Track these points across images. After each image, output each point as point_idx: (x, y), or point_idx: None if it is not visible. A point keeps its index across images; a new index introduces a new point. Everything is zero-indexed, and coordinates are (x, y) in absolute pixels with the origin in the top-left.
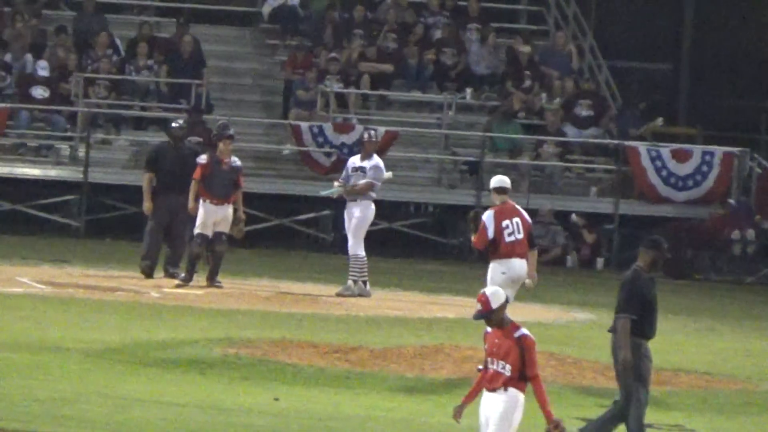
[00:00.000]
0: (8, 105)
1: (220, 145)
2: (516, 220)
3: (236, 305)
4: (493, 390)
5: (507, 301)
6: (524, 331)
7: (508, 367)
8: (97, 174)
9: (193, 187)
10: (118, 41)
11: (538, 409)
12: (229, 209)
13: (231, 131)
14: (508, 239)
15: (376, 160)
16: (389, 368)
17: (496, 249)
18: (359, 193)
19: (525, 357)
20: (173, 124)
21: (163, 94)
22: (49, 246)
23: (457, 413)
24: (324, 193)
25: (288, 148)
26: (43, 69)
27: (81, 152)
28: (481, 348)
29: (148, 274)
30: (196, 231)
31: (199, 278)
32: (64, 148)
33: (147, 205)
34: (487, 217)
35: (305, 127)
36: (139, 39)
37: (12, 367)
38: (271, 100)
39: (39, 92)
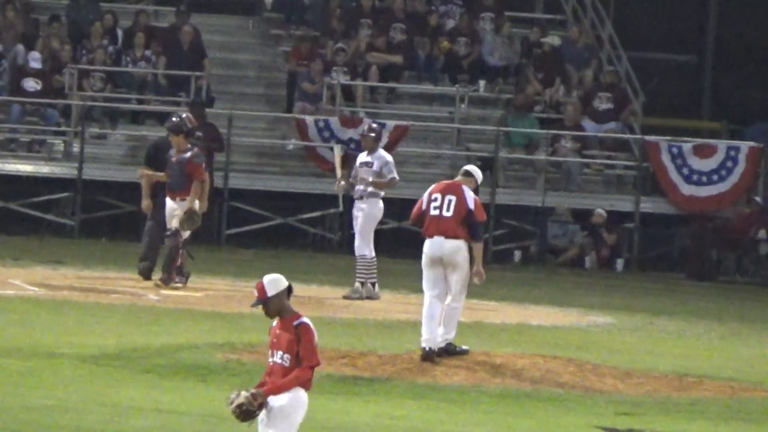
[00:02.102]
0: None
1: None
2: (450, 197)
3: (238, 308)
4: None
5: (290, 290)
6: (304, 319)
7: (287, 356)
8: (92, 170)
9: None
10: (119, 30)
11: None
12: (181, 204)
13: (171, 124)
14: (432, 213)
15: (383, 155)
16: (399, 374)
17: (423, 224)
18: (383, 187)
19: (300, 346)
20: (173, 118)
21: (162, 87)
22: (42, 246)
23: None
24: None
25: (292, 143)
26: (35, 60)
27: (75, 148)
28: (494, 353)
29: (147, 275)
30: (168, 226)
31: (198, 280)
32: (58, 143)
33: (146, 203)
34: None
35: (310, 121)
36: (136, 28)
37: (3, 374)
38: (274, 92)
39: (31, 85)
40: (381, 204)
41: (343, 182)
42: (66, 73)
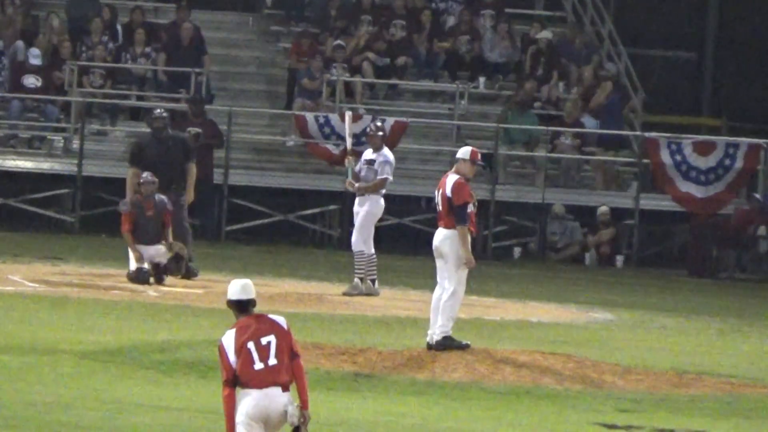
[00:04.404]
0: None
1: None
2: (440, 190)
3: None
4: None
5: (237, 303)
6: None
7: None
8: (91, 167)
9: (126, 239)
10: (118, 27)
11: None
12: (159, 246)
13: (145, 181)
14: (437, 210)
15: (386, 154)
16: (399, 371)
17: None
18: (372, 191)
19: None
20: (154, 114)
21: (162, 83)
22: (42, 243)
23: None
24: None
25: (293, 140)
26: (35, 57)
27: (75, 144)
28: (494, 349)
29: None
30: (132, 266)
31: (198, 277)
32: (58, 139)
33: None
34: None
35: (310, 117)
36: (135, 25)
37: (3, 370)
38: (274, 89)
39: (31, 81)
40: (382, 201)
41: (352, 157)
42: (66, 69)
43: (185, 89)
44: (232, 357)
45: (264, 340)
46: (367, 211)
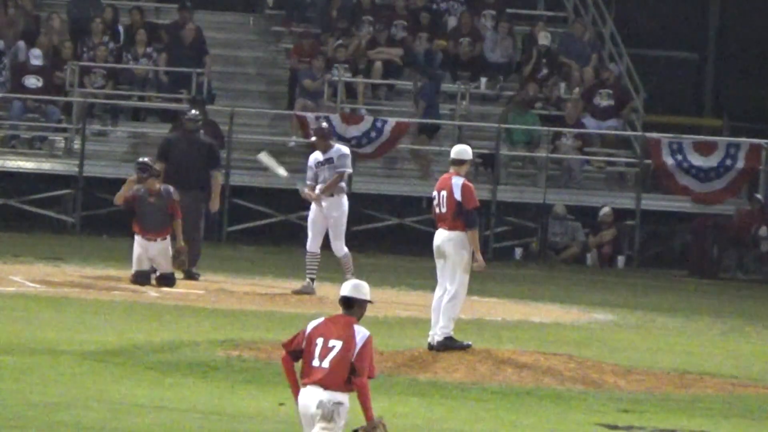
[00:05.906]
0: (0, 95)
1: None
2: (443, 192)
3: (239, 305)
4: None
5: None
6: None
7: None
8: (93, 167)
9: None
10: (120, 27)
11: None
12: (164, 243)
13: (144, 171)
14: (435, 210)
15: (340, 147)
16: (400, 371)
17: None
18: (334, 187)
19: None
20: (188, 114)
21: (163, 84)
22: (43, 243)
23: None
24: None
25: (294, 141)
26: (36, 57)
27: (76, 144)
28: (495, 350)
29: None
30: (133, 269)
31: (205, 280)
32: (59, 140)
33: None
34: None
35: (312, 118)
36: (136, 25)
37: (4, 370)
38: (276, 90)
39: (32, 82)
40: (345, 198)
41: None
42: (67, 69)
43: (186, 90)
44: (302, 339)
45: (331, 343)
46: (337, 215)
